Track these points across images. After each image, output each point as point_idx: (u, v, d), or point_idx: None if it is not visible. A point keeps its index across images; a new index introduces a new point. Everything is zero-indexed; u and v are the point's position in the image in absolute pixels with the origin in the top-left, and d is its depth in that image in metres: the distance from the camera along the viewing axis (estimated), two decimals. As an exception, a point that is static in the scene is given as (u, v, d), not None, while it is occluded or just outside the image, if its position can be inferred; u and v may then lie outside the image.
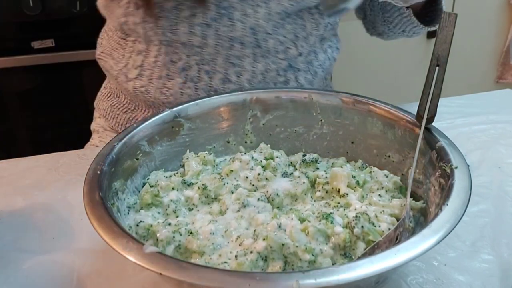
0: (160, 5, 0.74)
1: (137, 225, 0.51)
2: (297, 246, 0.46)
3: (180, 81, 0.78)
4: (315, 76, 0.85)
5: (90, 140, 0.96)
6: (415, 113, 0.58)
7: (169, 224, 0.50)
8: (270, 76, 0.80)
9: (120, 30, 0.82)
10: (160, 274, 0.39)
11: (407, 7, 0.81)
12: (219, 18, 0.74)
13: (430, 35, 1.96)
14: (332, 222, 0.50)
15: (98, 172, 0.51)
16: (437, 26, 0.80)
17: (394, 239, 0.49)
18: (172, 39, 0.76)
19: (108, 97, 0.92)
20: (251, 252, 0.46)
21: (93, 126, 0.97)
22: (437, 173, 0.52)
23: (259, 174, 0.58)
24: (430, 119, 0.57)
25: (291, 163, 0.63)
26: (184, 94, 0.79)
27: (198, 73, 0.78)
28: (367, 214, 0.51)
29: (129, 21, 0.77)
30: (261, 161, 0.60)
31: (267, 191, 0.56)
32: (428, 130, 0.57)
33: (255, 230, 0.49)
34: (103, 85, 0.95)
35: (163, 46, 0.78)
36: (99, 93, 0.96)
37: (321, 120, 0.66)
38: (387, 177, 0.58)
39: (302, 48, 0.81)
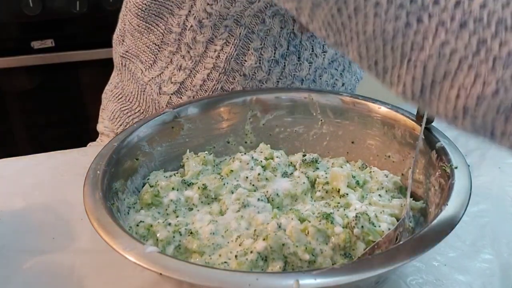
0: (231, 29, 0.69)
1: (137, 225, 0.51)
2: (297, 246, 0.46)
3: None
4: None
5: (98, 140, 0.90)
6: (415, 113, 0.58)
7: (169, 224, 0.50)
8: None
9: (159, 36, 0.75)
10: (160, 274, 0.39)
11: None
12: (287, 56, 0.71)
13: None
14: (332, 222, 0.50)
15: (98, 172, 0.51)
16: None
17: (394, 239, 0.49)
18: (234, 69, 0.71)
19: (118, 99, 0.84)
20: (251, 252, 0.46)
21: (100, 128, 0.89)
22: (437, 173, 0.52)
23: (259, 174, 0.58)
24: (430, 119, 0.57)
25: (291, 163, 0.63)
26: None
27: None
28: (367, 214, 0.51)
29: (186, 34, 0.71)
30: (261, 161, 0.60)
31: (267, 191, 0.56)
32: (428, 130, 0.57)
33: (255, 230, 0.49)
34: (114, 83, 0.86)
35: (216, 72, 0.72)
36: (108, 92, 0.87)
37: (321, 120, 0.66)
38: (387, 177, 0.58)
39: (346, 79, 0.79)
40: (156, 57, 0.76)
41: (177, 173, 0.61)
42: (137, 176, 0.58)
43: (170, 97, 0.75)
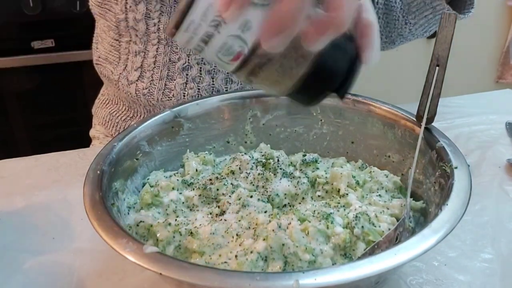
0: None
1: (137, 225, 0.51)
2: (297, 246, 0.46)
3: (181, 82, 0.78)
4: None
5: (91, 146, 0.95)
6: (415, 113, 0.58)
7: (169, 224, 0.50)
8: None
9: (115, 30, 0.81)
10: (160, 274, 0.39)
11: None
12: None
13: (430, 35, 1.95)
14: (332, 222, 0.50)
15: (98, 172, 0.51)
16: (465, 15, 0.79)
17: (394, 239, 0.49)
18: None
19: (106, 104, 0.91)
20: (251, 252, 0.46)
21: (92, 132, 0.96)
22: (437, 173, 0.52)
23: (259, 174, 0.58)
24: (430, 119, 0.57)
25: (291, 163, 0.62)
26: (187, 95, 0.78)
27: (199, 73, 0.78)
28: (367, 214, 0.51)
29: (129, 17, 0.76)
30: (261, 161, 0.60)
31: (267, 191, 0.56)
32: (428, 130, 0.57)
33: (255, 230, 0.49)
34: (101, 92, 0.95)
35: (162, 46, 0.77)
36: (96, 100, 0.95)
37: (321, 120, 0.66)
38: (387, 177, 0.58)
39: None
40: (119, 53, 0.82)
41: (177, 173, 0.61)
42: (137, 176, 0.57)
43: (136, 84, 0.81)
